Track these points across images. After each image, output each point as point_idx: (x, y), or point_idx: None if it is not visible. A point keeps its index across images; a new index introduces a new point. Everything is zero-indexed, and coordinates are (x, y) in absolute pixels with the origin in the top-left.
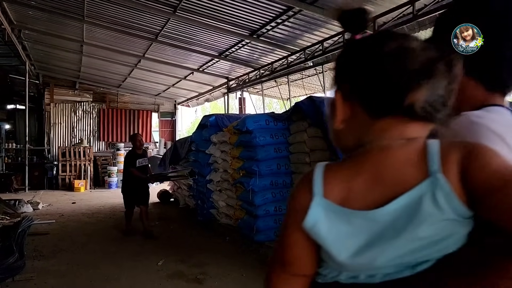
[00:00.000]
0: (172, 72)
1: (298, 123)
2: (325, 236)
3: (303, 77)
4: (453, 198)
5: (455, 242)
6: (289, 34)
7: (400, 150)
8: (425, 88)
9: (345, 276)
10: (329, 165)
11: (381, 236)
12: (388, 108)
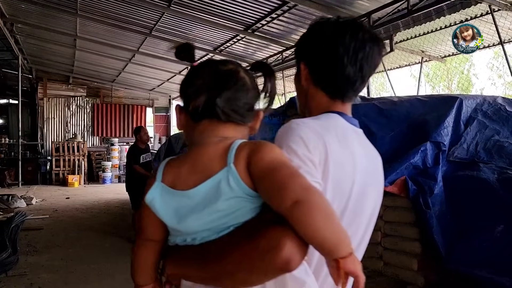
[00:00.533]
0: (166, 67)
1: (292, 118)
2: (158, 209)
3: None
4: (240, 182)
5: (244, 214)
6: (284, 29)
7: (212, 146)
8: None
9: (180, 239)
10: (170, 159)
11: (194, 208)
12: (200, 114)
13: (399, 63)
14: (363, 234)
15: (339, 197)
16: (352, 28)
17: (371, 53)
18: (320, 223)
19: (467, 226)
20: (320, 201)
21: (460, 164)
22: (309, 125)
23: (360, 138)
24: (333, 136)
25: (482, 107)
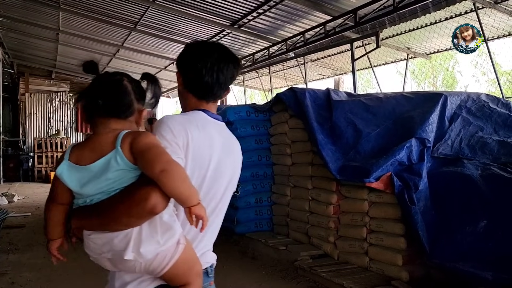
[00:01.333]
0: (152, 62)
1: (279, 114)
2: (66, 179)
3: (285, 68)
4: (124, 159)
5: (127, 181)
6: (271, 25)
7: (104, 135)
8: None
9: (81, 201)
10: (75, 144)
11: (92, 178)
12: (90, 112)
13: (385, 59)
14: (221, 195)
15: (199, 169)
16: (210, 49)
17: (226, 68)
18: (177, 183)
19: (451, 221)
20: (177, 170)
21: (445, 160)
22: (176, 118)
23: (220, 128)
24: (194, 126)
25: (466, 104)
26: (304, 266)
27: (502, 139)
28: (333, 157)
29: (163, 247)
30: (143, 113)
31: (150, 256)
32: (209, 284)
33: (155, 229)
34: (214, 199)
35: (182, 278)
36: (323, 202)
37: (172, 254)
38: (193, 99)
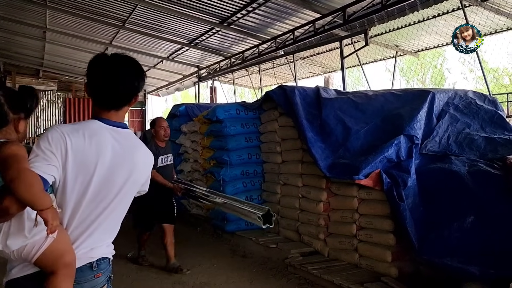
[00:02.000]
0: (141, 61)
1: (269, 112)
2: None
3: (275, 66)
4: None
5: None
6: (260, 23)
7: None
8: None
9: None
10: None
11: None
12: None
13: (374, 57)
14: (114, 196)
15: (83, 173)
16: (110, 62)
17: (125, 79)
18: (23, 190)
19: (439, 217)
20: (25, 178)
21: (433, 157)
22: (60, 128)
23: (118, 135)
24: (79, 134)
25: (453, 101)
26: (294, 264)
27: (488, 136)
28: (323, 155)
29: (30, 240)
30: (20, 122)
31: (16, 247)
32: (93, 277)
33: (22, 225)
34: (105, 200)
35: (50, 267)
36: (313, 199)
37: (40, 245)
38: (96, 108)
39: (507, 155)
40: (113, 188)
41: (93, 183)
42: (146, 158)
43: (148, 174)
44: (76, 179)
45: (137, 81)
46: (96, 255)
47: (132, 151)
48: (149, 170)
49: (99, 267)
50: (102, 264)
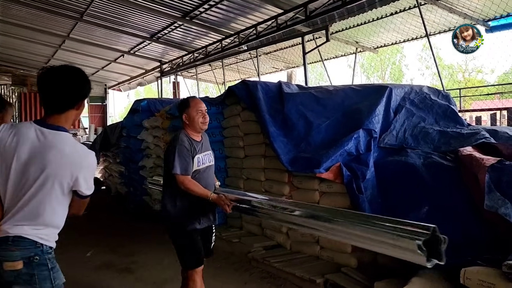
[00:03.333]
0: (101, 54)
1: (232, 107)
2: None
3: (238, 61)
4: None
5: None
6: (223, 17)
7: None
8: None
9: None
10: None
11: None
12: None
13: (335, 53)
14: (30, 186)
15: (5, 163)
16: (50, 71)
17: (61, 86)
18: None
19: (396, 208)
20: None
21: (390, 150)
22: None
23: (41, 134)
24: (8, 131)
25: (409, 96)
26: (257, 258)
27: (442, 129)
28: (285, 149)
29: None
30: None
31: None
32: (6, 249)
33: None
34: (24, 188)
35: None
36: (276, 193)
37: None
38: (44, 111)
39: (459, 148)
40: (29, 179)
41: (12, 172)
42: (66, 158)
43: (80, 174)
44: (1, 167)
45: (73, 89)
46: (13, 232)
47: (46, 150)
48: (78, 171)
49: (14, 243)
50: (22, 242)
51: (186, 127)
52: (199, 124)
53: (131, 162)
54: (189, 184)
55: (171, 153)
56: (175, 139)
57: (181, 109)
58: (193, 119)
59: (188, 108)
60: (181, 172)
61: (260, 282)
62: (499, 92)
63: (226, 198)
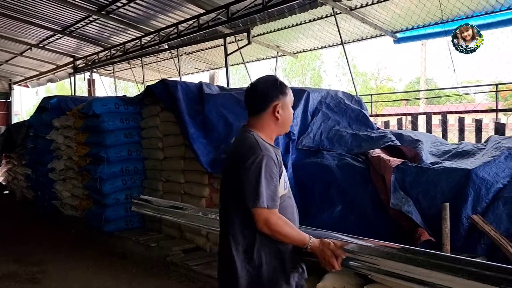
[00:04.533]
0: (4, 47)
1: (151, 107)
2: None
3: (158, 60)
4: None
5: None
6: (143, 14)
7: None
8: None
9: None
10: None
11: None
12: None
13: (257, 56)
14: None
15: None
16: None
17: None
18: None
19: (312, 208)
20: None
21: (308, 152)
22: None
23: None
24: None
25: (326, 100)
26: (176, 261)
27: (354, 132)
28: (205, 151)
29: None
30: None
31: None
32: None
33: None
34: None
35: None
36: (195, 195)
37: None
38: None
39: (369, 150)
40: None
41: None
42: None
43: None
44: None
45: None
46: None
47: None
48: None
49: None
50: None
51: (264, 127)
52: (288, 124)
53: (39, 164)
54: (279, 223)
55: (250, 172)
56: (253, 146)
57: (270, 96)
58: (288, 116)
59: (285, 97)
60: (268, 205)
61: (179, 286)
62: (405, 99)
63: (336, 246)
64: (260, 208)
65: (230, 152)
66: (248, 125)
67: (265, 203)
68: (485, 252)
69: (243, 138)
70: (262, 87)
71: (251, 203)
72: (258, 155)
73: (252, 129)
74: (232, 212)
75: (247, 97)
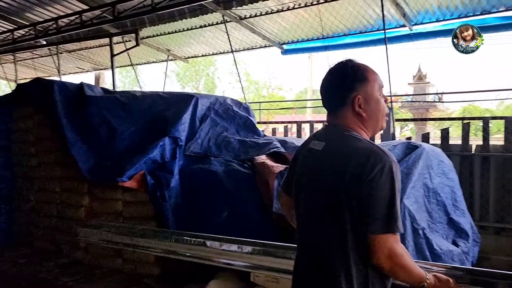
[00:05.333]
0: None
1: (23, 108)
2: None
3: (35, 57)
4: None
5: None
6: (16, 5)
7: None
8: None
9: None
10: None
11: None
12: None
13: (147, 59)
14: None
15: None
16: None
17: None
18: None
19: (200, 214)
20: None
21: (195, 158)
22: None
23: None
24: None
25: (214, 106)
26: (49, 278)
27: (242, 139)
28: (85, 157)
29: None
30: None
31: None
32: None
33: None
34: None
35: None
36: (73, 205)
37: None
38: None
39: (255, 156)
40: None
41: None
42: None
43: None
44: None
45: None
46: None
47: None
48: None
49: None
50: None
51: (353, 125)
52: (385, 118)
53: None
54: (404, 253)
55: (376, 185)
56: (373, 150)
57: (350, 86)
58: (377, 108)
59: (367, 83)
60: (395, 230)
61: None
62: (294, 107)
63: (455, 284)
64: (387, 235)
65: (319, 159)
66: (339, 123)
67: (400, 227)
68: None
69: (345, 139)
70: (335, 75)
71: (380, 227)
72: (385, 162)
73: (348, 127)
74: (338, 240)
75: (322, 88)
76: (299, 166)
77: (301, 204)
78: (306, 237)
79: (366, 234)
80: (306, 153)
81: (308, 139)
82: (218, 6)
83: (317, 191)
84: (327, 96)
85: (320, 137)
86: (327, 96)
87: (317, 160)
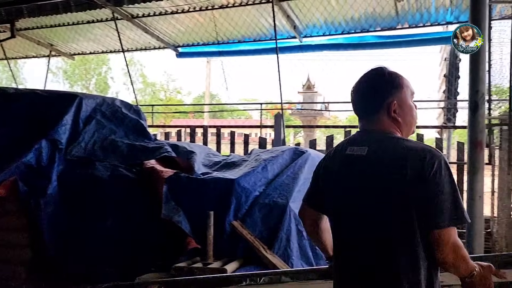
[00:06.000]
0: None
1: None
2: None
3: None
4: None
5: None
6: None
7: None
8: None
9: None
10: None
11: None
12: None
13: (26, 53)
14: None
15: None
16: None
17: None
18: None
19: (82, 223)
20: None
21: (77, 163)
22: None
23: None
24: None
25: (101, 108)
26: None
27: (131, 143)
28: None
29: None
30: None
31: None
32: None
33: None
34: None
35: None
36: None
37: None
38: None
39: (144, 161)
40: None
41: None
42: None
43: None
44: None
45: None
46: None
47: None
48: None
49: None
50: None
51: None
52: (416, 124)
53: None
54: (464, 247)
55: (433, 181)
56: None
57: (387, 91)
58: (411, 115)
59: (401, 90)
60: (464, 221)
61: None
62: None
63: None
64: (451, 228)
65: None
66: (377, 128)
67: (467, 217)
68: (243, 254)
69: (393, 141)
70: (373, 81)
71: (447, 221)
72: (440, 158)
73: (389, 131)
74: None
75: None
76: (335, 175)
77: (347, 211)
78: (356, 243)
79: (429, 231)
80: (344, 160)
81: (338, 147)
82: (108, 2)
83: (372, 195)
84: (362, 102)
85: (358, 142)
86: (362, 102)
87: (363, 165)
